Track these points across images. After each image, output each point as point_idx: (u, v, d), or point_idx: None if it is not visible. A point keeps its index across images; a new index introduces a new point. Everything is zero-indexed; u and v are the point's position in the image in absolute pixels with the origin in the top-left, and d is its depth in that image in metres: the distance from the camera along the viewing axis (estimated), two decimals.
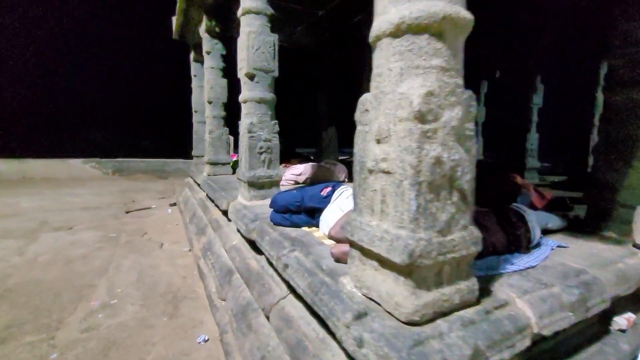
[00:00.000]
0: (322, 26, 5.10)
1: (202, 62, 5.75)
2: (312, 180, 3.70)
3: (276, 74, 2.55)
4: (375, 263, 1.01)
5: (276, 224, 1.88)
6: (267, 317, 1.57)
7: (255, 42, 2.42)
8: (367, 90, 1.02)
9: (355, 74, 5.01)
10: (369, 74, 1.00)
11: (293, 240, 1.69)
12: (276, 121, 2.59)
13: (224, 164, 4.41)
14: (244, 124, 2.49)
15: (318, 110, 5.82)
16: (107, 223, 4.55)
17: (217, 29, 4.09)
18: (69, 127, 9.74)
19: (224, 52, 4.32)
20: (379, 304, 1.01)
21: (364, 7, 4.79)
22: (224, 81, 4.36)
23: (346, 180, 3.93)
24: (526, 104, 5.88)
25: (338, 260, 1.35)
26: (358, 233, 1.01)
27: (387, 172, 0.91)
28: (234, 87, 4.51)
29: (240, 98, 2.55)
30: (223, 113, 4.40)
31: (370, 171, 0.98)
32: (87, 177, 8.75)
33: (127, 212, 5.14)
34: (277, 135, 2.60)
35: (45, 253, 3.31)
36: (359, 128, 1.04)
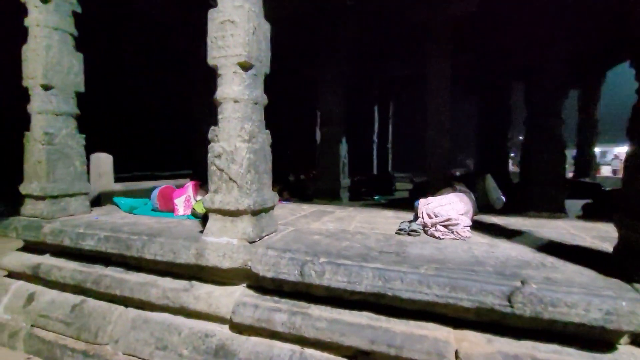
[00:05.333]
0: None
1: None
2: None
3: None
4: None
5: None
6: None
7: None
8: None
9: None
10: None
11: None
12: None
13: (268, 209, 1.94)
14: None
15: (320, 111, 3.88)
16: None
17: None
18: None
19: None
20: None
21: None
22: (267, 26, 1.94)
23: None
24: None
25: None
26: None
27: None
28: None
29: None
30: (264, 96, 1.94)
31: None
32: None
33: None
34: None
35: None
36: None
